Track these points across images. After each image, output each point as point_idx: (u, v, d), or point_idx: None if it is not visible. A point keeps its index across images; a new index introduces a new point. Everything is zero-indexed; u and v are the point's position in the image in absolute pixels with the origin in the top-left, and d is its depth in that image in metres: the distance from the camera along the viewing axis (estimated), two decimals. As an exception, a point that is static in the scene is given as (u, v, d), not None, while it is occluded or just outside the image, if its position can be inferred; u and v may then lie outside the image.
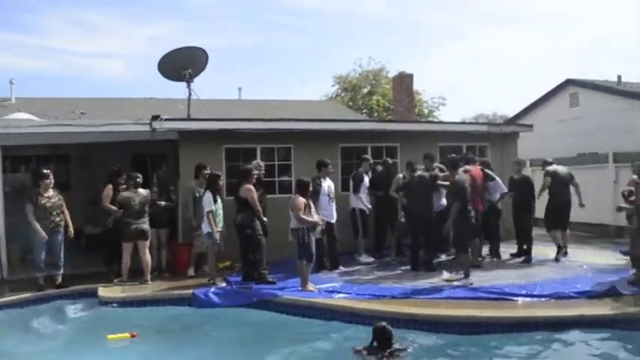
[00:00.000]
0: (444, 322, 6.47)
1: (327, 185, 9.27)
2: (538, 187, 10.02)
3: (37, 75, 53.69)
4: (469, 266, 8.29)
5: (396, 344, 5.55)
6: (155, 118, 9.55)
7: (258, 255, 8.37)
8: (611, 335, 6.09)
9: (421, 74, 59.99)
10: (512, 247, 10.16)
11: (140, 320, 7.10)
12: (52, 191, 8.43)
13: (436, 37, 67.42)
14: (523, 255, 9.82)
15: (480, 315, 6.50)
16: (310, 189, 8.20)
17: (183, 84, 11.44)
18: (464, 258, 8.36)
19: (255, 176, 8.77)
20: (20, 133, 9.44)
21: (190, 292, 7.92)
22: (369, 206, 9.92)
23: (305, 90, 66.97)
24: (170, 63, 11.15)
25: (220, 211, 8.60)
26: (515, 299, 7.12)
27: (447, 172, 9.11)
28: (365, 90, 31.84)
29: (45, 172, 8.43)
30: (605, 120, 17.01)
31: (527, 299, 7.11)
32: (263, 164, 9.65)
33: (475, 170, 9.28)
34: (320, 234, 8.26)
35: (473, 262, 8.82)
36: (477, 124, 19.52)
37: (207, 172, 9.04)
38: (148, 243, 8.74)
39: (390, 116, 23.87)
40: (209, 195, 8.39)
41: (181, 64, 11.05)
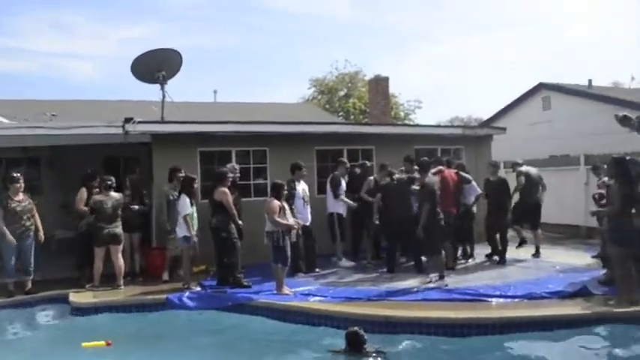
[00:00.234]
0: (418, 323, 6.47)
1: (301, 188, 9.26)
2: (512, 188, 10.15)
3: (7, 76, 52.71)
4: (443, 268, 8.34)
5: (370, 348, 5.55)
6: (128, 120, 9.42)
7: (233, 258, 8.31)
8: (582, 335, 6.15)
9: (397, 77, 60.39)
10: (486, 249, 10.24)
11: (113, 326, 6.99)
12: (22, 195, 8.25)
13: (412, 41, 68.12)
14: (497, 255, 9.90)
15: (455, 316, 6.53)
16: (285, 192, 8.17)
17: (157, 86, 11.34)
18: (436, 260, 8.40)
19: (230, 179, 8.72)
20: (-11, 135, 9.24)
21: (164, 296, 7.81)
22: (351, 204, 9.84)
23: (282, 93, 66.97)
24: (143, 65, 11.03)
25: (195, 215, 8.52)
26: (490, 300, 7.18)
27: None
28: (341, 93, 31.92)
29: (15, 175, 8.26)
30: (577, 123, 17.32)
31: (501, 300, 7.17)
32: (238, 167, 9.61)
33: (448, 173, 9.36)
34: (295, 237, 8.22)
35: (447, 265, 8.89)
36: (451, 127, 19.73)
37: (181, 175, 8.93)
38: (120, 247, 8.59)
39: (367, 119, 23.96)
40: (185, 198, 8.30)
41: (155, 66, 10.95)
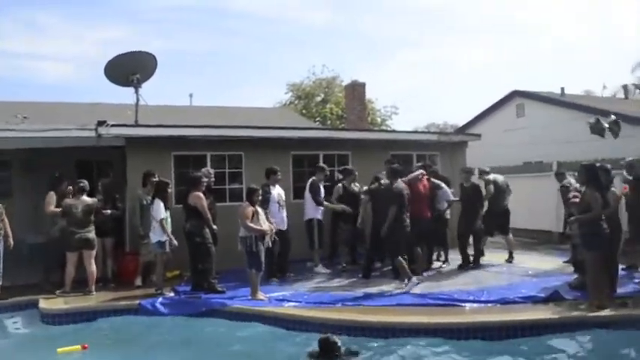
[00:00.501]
0: (392, 328, 6.49)
1: (276, 193, 9.22)
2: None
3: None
4: (407, 270, 8.38)
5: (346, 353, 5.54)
6: (101, 123, 9.28)
7: (207, 264, 8.24)
8: (554, 339, 6.23)
9: (374, 83, 60.89)
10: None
11: (85, 332, 6.86)
12: (-11, 199, 8.07)
13: (389, 47, 68.61)
14: (468, 263, 9.97)
15: (428, 321, 6.56)
16: (260, 197, 8.13)
17: (132, 89, 11.18)
18: (399, 263, 8.45)
19: (205, 184, 8.64)
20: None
21: (137, 302, 7.69)
22: (346, 209, 9.75)
23: (259, 97, 66.88)
24: (117, 67, 10.88)
25: (169, 219, 8.42)
26: (463, 305, 7.23)
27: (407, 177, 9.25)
28: (318, 98, 31.94)
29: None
30: (550, 130, 17.63)
31: (475, 305, 7.23)
32: (213, 171, 9.52)
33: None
34: (270, 242, 8.16)
35: (418, 270, 9.00)
36: (427, 133, 19.82)
37: (155, 179, 8.83)
38: (93, 253, 8.47)
39: (344, 124, 24.01)
40: (159, 203, 8.20)
41: (129, 68, 10.80)
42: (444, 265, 10.10)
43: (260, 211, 7.99)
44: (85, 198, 8.52)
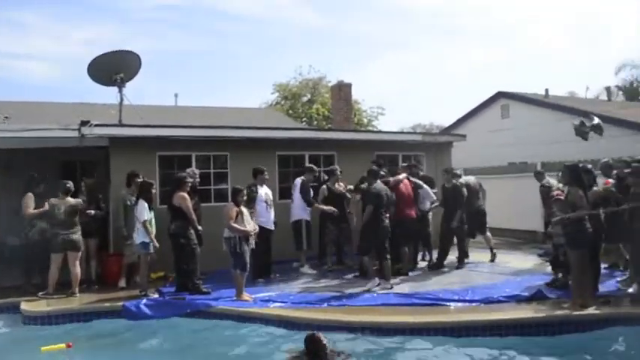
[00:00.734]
0: (378, 328, 6.51)
1: (264, 192, 9.20)
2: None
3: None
4: (373, 273, 8.49)
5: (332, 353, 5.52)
6: (84, 123, 9.18)
7: (192, 265, 8.19)
8: (536, 338, 6.29)
9: (361, 84, 61.01)
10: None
11: (70, 333, 6.78)
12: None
13: (376, 49, 68.85)
14: (444, 260, 10.02)
15: (413, 321, 6.59)
16: (244, 197, 8.09)
17: (116, 89, 11.09)
18: (364, 262, 8.62)
19: (190, 184, 8.58)
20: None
21: (121, 304, 7.62)
22: (334, 210, 9.70)
23: (245, 97, 66.72)
24: (101, 67, 10.78)
25: (153, 220, 8.35)
26: (448, 305, 7.27)
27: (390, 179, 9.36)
28: (305, 98, 31.94)
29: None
30: (534, 131, 17.79)
31: (460, 304, 7.27)
32: (198, 172, 9.46)
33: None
34: (254, 243, 8.12)
35: (404, 270, 9.17)
36: (412, 133, 19.93)
37: (139, 180, 8.76)
38: (79, 254, 8.38)
39: (330, 125, 24.03)
40: (143, 204, 8.13)
41: (113, 68, 10.70)
42: (428, 265, 10.13)
43: (245, 212, 7.95)
44: (69, 199, 8.42)
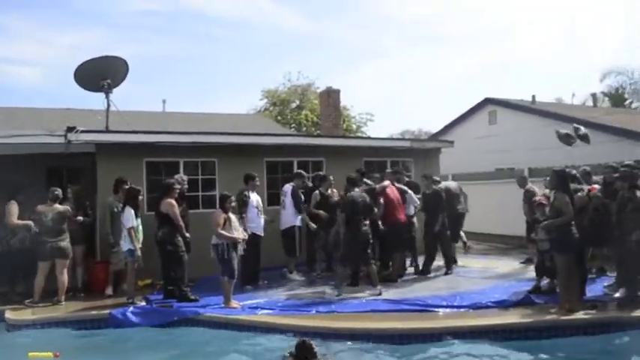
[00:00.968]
0: (367, 334, 6.50)
1: (255, 198, 9.20)
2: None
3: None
4: (342, 279, 8.57)
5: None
6: (71, 129, 9.09)
7: (179, 272, 8.14)
8: (524, 343, 6.29)
9: (350, 90, 61.19)
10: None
11: (55, 342, 6.67)
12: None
13: (365, 55, 69.11)
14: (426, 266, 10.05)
15: (402, 327, 6.58)
16: (233, 204, 8.05)
17: (103, 95, 11.02)
18: (339, 270, 8.66)
19: (178, 190, 8.53)
20: None
21: (107, 312, 7.55)
22: (311, 226, 9.75)
23: (234, 103, 66.65)
24: (88, 72, 10.71)
25: (140, 227, 8.29)
26: (437, 310, 7.27)
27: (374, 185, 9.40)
28: (294, 104, 31.94)
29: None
30: (521, 137, 17.89)
31: (448, 310, 7.27)
32: (186, 178, 9.42)
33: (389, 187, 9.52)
34: (242, 250, 8.08)
35: (392, 276, 9.21)
36: (400, 139, 20.02)
37: (127, 186, 8.69)
38: (67, 262, 8.32)
39: (319, 131, 24.04)
40: (129, 210, 8.07)
41: (100, 73, 10.63)
42: (415, 270, 10.13)
43: (233, 218, 7.92)
44: (57, 205, 8.36)
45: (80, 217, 8.94)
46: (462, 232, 11.43)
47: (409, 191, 9.99)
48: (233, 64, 65.08)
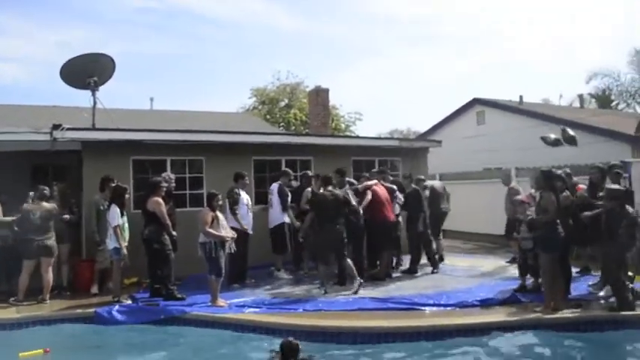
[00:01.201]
0: (354, 333, 6.48)
1: (245, 197, 9.23)
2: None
3: None
4: (326, 277, 8.57)
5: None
6: (56, 127, 9.01)
7: (166, 270, 8.08)
8: (511, 340, 6.32)
9: (339, 90, 61.24)
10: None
11: (42, 340, 6.58)
12: None
13: (354, 54, 69.22)
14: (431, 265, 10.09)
15: (389, 325, 6.59)
16: (220, 202, 8.03)
17: (90, 92, 10.95)
18: (321, 269, 8.66)
19: (165, 189, 8.49)
20: None
21: (92, 310, 7.49)
22: (295, 224, 9.71)
23: (223, 102, 66.45)
24: (74, 70, 10.65)
25: (126, 225, 8.24)
26: (424, 309, 7.29)
27: (358, 185, 9.50)
28: (282, 103, 31.92)
29: None
30: (509, 137, 18.01)
31: (434, 309, 7.30)
32: (173, 176, 9.37)
33: (377, 185, 9.56)
34: (230, 248, 8.05)
35: (380, 275, 9.23)
36: (388, 138, 20.07)
37: (113, 184, 8.63)
38: (52, 260, 8.25)
39: (308, 130, 24.04)
40: (115, 209, 8.02)
41: (86, 71, 10.57)
42: (399, 269, 10.19)
43: (220, 217, 7.90)
44: (44, 204, 8.31)
45: (67, 216, 8.87)
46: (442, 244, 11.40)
47: (396, 191, 10.01)
48: (223, 62, 65.02)
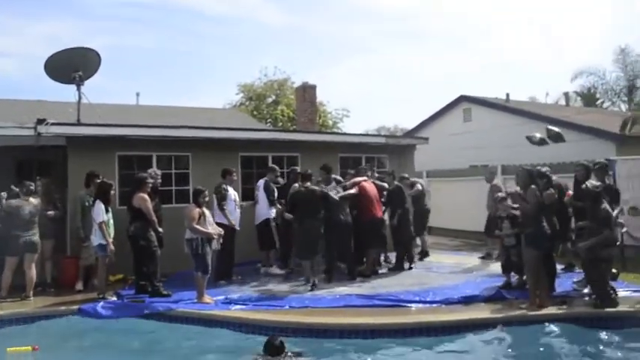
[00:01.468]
0: (340, 330, 6.49)
1: (233, 193, 9.23)
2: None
3: None
4: (310, 274, 8.63)
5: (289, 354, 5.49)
6: (41, 121, 8.90)
7: (152, 267, 8.05)
8: (496, 337, 6.34)
9: (326, 86, 61.19)
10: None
11: (27, 337, 6.59)
12: None
13: (341, 51, 69.19)
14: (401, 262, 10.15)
15: (374, 322, 6.61)
16: (207, 198, 7.99)
17: (75, 87, 10.81)
18: (305, 264, 8.79)
19: (150, 185, 8.43)
20: None
21: (76, 307, 7.44)
22: (287, 216, 9.58)
23: (209, 98, 66.10)
24: (58, 64, 10.49)
25: (111, 221, 8.17)
26: (410, 306, 7.32)
27: (346, 182, 9.55)
28: (270, 99, 31.81)
29: None
30: (495, 134, 18.09)
31: (420, 305, 7.33)
32: (159, 172, 9.31)
33: (367, 182, 9.60)
34: (217, 244, 8.03)
35: (366, 272, 9.30)
36: (375, 135, 20.06)
37: (99, 180, 8.56)
38: (36, 256, 8.17)
39: (295, 126, 23.99)
40: (100, 205, 7.94)
41: (71, 65, 10.43)
42: (387, 265, 10.25)
43: (207, 213, 7.87)
44: (32, 199, 8.24)
45: (51, 212, 8.78)
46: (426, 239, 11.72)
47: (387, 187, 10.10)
48: (210, 58, 64.60)
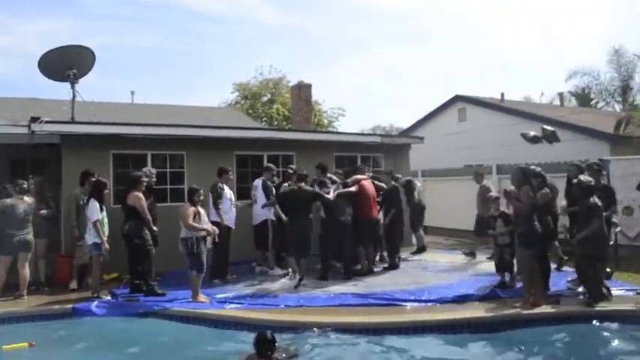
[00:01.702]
0: (334, 328, 6.45)
1: (229, 192, 9.21)
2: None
3: None
4: (296, 270, 8.69)
5: (281, 352, 5.47)
6: (35, 120, 8.88)
7: (146, 266, 8.03)
8: (489, 336, 6.37)
9: (322, 85, 61.16)
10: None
11: (23, 337, 6.44)
12: None
13: (337, 50, 69.19)
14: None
15: (369, 321, 6.61)
16: (202, 197, 7.96)
17: (69, 85, 10.77)
18: (289, 261, 8.92)
19: (145, 183, 8.40)
20: None
21: (71, 306, 7.41)
22: (283, 217, 9.60)
23: (205, 96, 66.00)
24: (53, 61, 10.48)
25: (106, 220, 8.14)
26: (405, 305, 7.32)
27: (340, 181, 9.61)
28: (265, 98, 31.76)
29: None
30: (490, 134, 18.12)
31: (416, 304, 7.34)
32: (154, 171, 9.28)
33: (366, 181, 9.61)
34: (212, 243, 8.02)
35: (362, 271, 9.33)
36: (370, 135, 20.03)
37: (94, 179, 8.52)
38: (29, 255, 8.13)
39: (290, 125, 23.97)
40: (94, 203, 7.91)
41: (65, 63, 10.40)
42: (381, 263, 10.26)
43: (202, 212, 7.85)
44: (27, 198, 8.20)
45: (44, 211, 8.74)
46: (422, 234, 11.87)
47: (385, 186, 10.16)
48: (206, 57, 64.44)
